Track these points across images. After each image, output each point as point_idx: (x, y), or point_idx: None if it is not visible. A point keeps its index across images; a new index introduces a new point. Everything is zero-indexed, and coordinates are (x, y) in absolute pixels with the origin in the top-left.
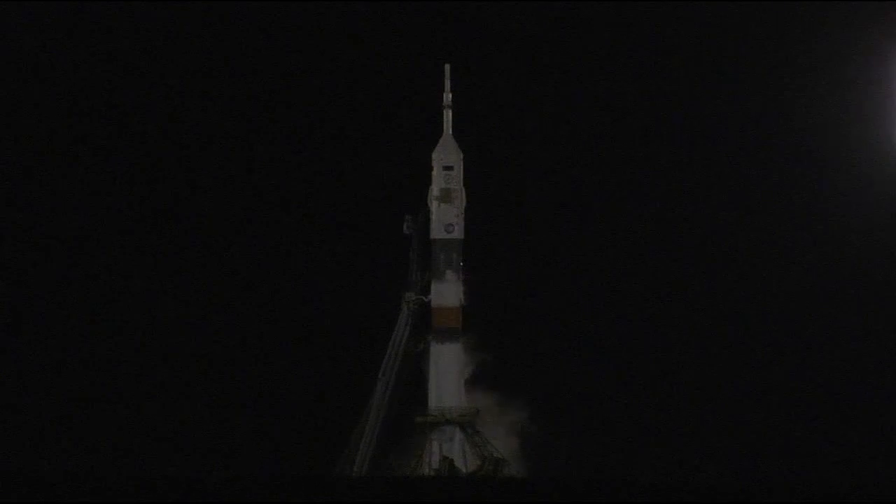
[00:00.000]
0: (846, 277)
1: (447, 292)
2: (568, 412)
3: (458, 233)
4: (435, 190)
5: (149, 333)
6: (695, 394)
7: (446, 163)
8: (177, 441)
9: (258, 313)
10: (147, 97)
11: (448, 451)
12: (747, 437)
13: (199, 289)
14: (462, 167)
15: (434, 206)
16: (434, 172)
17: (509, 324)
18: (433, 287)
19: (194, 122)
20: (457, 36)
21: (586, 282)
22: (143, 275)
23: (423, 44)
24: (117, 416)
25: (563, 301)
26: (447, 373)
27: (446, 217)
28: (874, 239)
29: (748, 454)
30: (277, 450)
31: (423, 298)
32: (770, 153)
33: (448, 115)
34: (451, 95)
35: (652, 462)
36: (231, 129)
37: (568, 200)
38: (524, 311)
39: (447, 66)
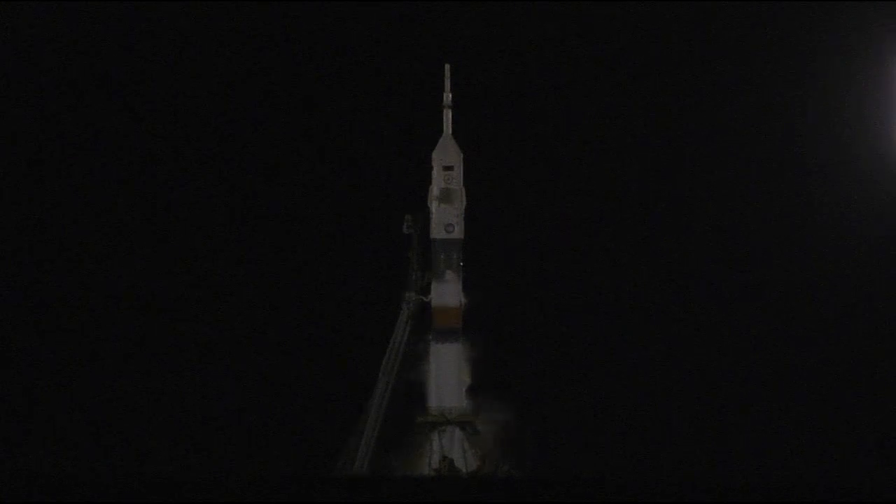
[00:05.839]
0: (846, 278)
1: (447, 292)
2: (568, 411)
3: (458, 233)
4: (435, 190)
5: (148, 333)
6: (695, 394)
7: (446, 163)
8: (176, 441)
9: (258, 313)
10: (143, 96)
11: (448, 451)
12: (746, 438)
13: (198, 288)
14: (462, 167)
15: (434, 206)
16: (434, 172)
17: (509, 324)
18: (433, 287)
19: (194, 123)
20: (457, 36)
21: (587, 282)
22: (141, 273)
23: (423, 44)
24: (117, 416)
25: (564, 301)
26: (447, 373)
27: (446, 217)
28: (874, 239)
29: (748, 454)
30: (277, 450)
31: (423, 298)
32: (769, 153)
33: (448, 115)
34: (451, 95)
35: (652, 462)
36: (231, 129)
37: (568, 201)
38: (524, 311)
39: (447, 66)
